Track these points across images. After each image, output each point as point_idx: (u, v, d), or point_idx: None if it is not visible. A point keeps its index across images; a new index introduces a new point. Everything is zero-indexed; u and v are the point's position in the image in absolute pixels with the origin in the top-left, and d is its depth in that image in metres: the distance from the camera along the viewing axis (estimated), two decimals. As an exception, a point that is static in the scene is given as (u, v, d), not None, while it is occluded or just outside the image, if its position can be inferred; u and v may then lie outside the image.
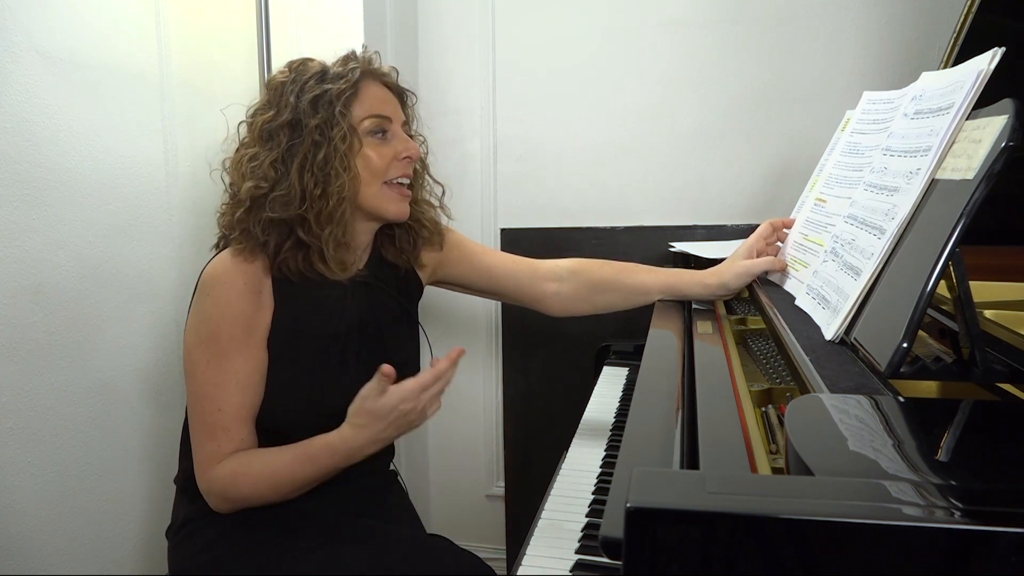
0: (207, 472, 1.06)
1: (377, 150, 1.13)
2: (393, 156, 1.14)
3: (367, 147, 1.12)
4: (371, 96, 1.14)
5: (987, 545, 0.39)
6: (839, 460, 0.51)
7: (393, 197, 1.15)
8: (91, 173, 1.29)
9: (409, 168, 1.17)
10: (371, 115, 1.13)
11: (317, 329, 1.13)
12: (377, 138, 1.14)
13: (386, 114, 1.14)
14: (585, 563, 0.83)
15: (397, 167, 1.15)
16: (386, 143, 1.15)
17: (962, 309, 0.72)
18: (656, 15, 1.82)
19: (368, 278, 1.20)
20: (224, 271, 1.08)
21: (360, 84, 1.13)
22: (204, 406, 1.06)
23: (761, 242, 1.26)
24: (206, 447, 1.06)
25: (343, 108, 1.09)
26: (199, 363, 1.07)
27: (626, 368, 1.61)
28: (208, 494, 1.07)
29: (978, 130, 0.76)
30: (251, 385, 1.08)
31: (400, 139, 1.16)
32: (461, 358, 1.05)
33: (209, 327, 1.07)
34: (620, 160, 1.89)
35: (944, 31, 1.29)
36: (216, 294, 1.07)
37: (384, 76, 1.18)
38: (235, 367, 1.06)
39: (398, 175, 1.15)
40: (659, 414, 0.78)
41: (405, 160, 1.15)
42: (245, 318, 1.07)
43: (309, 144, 1.07)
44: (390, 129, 1.15)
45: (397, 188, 1.16)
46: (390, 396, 1.01)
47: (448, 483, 2.14)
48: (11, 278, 1.16)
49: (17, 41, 1.15)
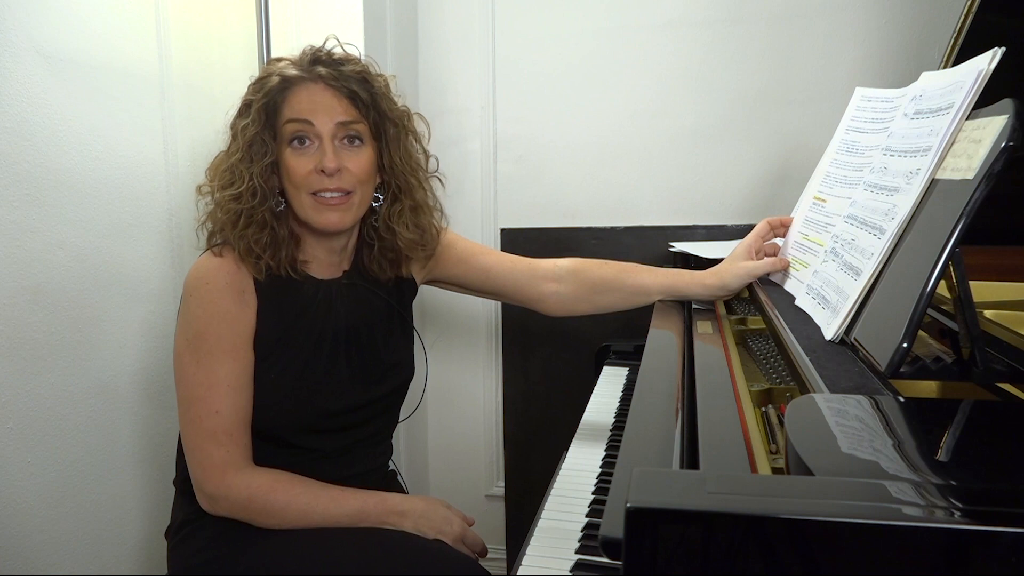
0: (225, 477, 1.05)
1: (295, 159, 1.08)
2: (312, 167, 1.07)
3: (287, 155, 1.09)
4: (296, 99, 1.08)
5: (987, 545, 0.39)
6: (839, 460, 0.51)
7: (316, 207, 1.09)
8: (91, 173, 1.29)
9: (333, 182, 1.07)
10: (289, 119, 1.08)
11: (303, 330, 1.13)
12: (294, 146, 1.08)
13: (305, 117, 1.07)
14: (585, 563, 0.83)
15: (315, 179, 1.07)
16: (304, 152, 1.08)
17: (962, 309, 0.72)
18: (656, 15, 1.82)
19: (355, 279, 1.20)
20: (206, 271, 1.09)
21: (290, 88, 1.08)
22: (199, 409, 1.06)
23: (759, 241, 1.26)
24: (215, 454, 1.05)
25: (270, 112, 1.09)
26: (188, 366, 1.07)
27: (626, 368, 1.61)
28: (224, 498, 1.06)
29: (978, 130, 0.76)
30: (242, 387, 1.08)
31: (321, 149, 1.07)
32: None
33: (195, 328, 1.07)
34: (620, 160, 1.89)
35: (944, 31, 1.29)
36: (199, 294, 1.08)
37: (321, 76, 1.08)
38: (224, 369, 1.06)
39: (318, 189, 1.08)
40: (659, 414, 0.78)
41: (321, 173, 1.07)
42: (230, 317, 1.08)
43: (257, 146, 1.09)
44: (311, 135, 1.08)
45: (321, 198, 1.08)
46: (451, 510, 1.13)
47: (448, 483, 2.14)
48: (11, 278, 1.16)
49: (17, 41, 1.15)
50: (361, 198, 1.12)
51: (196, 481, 1.08)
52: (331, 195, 1.09)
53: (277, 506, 1.05)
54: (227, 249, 1.10)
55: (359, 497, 1.09)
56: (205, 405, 1.06)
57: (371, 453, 1.23)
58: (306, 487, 1.08)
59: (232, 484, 1.06)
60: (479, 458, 2.10)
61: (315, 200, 1.09)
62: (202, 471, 1.07)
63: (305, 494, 1.07)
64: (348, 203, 1.10)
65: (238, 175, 1.09)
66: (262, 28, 1.58)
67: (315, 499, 1.07)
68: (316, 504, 1.06)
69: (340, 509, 1.07)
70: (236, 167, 1.09)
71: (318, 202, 1.09)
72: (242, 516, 1.07)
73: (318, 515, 1.06)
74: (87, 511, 1.31)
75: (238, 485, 1.06)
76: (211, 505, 1.07)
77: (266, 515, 1.06)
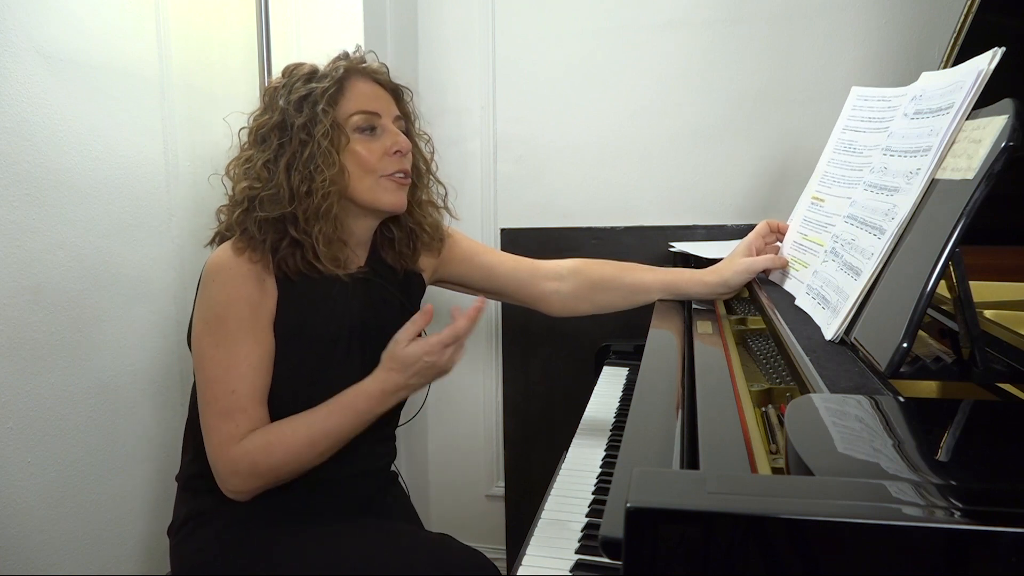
0: (228, 451, 1.04)
1: (366, 146, 1.13)
2: (383, 151, 1.14)
3: (355, 143, 1.13)
4: (358, 93, 1.14)
5: (987, 545, 0.39)
6: (839, 460, 0.51)
7: (389, 187, 1.15)
8: (91, 173, 1.29)
9: (402, 163, 1.16)
10: (358, 111, 1.13)
11: (319, 326, 1.13)
12: (365, 134, 1.14)
13: (373, 110, 1.14)
14: (585, 563, 0.83)
15: (388, 162, 1.14)
16: (375, 139, 1.14)
17: (962, 309, 0.72)
18: (656, 15, 1.82)
19: (369, 275, 1.20)
20: (228, 259, 1.09)
21: (346, 81, 1.14)
22: (216, 390, 1.05)
23: (760, 240, 1.26)
24: (223, 429, 1.04)
25: (327, 106, 1.10)
26: (207, 348, 1.07)
27: (626, 368, 1.61)
28: (233, 474, 1.04)
29: (978, 130, 0.76)
30: (262, 367, 1.08)
31: (390, 134, 1.15)
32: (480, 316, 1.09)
33: (216, 312, 1.07)
34: (620, 160, 1.89)
35: (944, 31, 1.29)
36: (221, 279, 1.08)
37: (374, 73, 1.17)
38: (244, 350, 1.06)
39: (391, 170, 1.15)
40: (659, 414, 0.78)
41: (396, 155, 1.15)
42: (252, 300, 1.08)
43: (296, 143, 1.09)
44: (379, 125, 1.15)
45: (393, 179, 1.15)
46: (415, 347, 1.07)
47: (448, 483, 2.14)
48: (11, 278, 1.16)
49: (17, 41, 1.15)
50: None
51: (212, 464, 1.06)
52: (401, 175, 1.16)
53: (283, 457, 1.04)
54: (248, 246, 1.10)
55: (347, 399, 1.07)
56: (223, 385, 1.05)
57: (375, 452, 1.23)
58: (293, 426, 1.06)
59: (233, 457, 1.04)
60: (479, 458, 2.10)
61: (390, 180, 1.15)
62: (214, 450, 1.05)
63: (298, 431, 1.05)
64: (409, 185, 1.19)
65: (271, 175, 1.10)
66: (262, 28, 1.58)
67: (310, 429, 1.05)
68: (314, 432, 1.05)
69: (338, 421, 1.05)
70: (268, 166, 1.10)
71: (393, 181, 1.15)
72: (261, 483, 1.05)
73: (325, 440, 1.05)
74: (87, 511, 1.31)
75: (238, 456, 1.04)
76: (226, 486, 1.05)
77: (280, 470, 1.04)
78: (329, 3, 1.69)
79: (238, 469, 1.04)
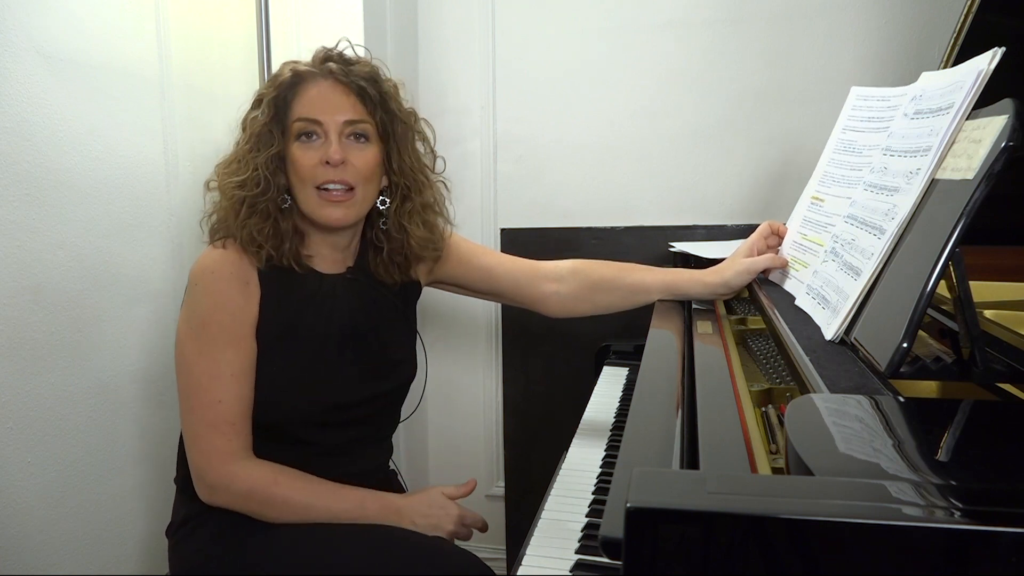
0: (226, 466, 1.06)
1: (302, 152, 1.11)
2: (318, 160, 1.10)
3: (294, 149, 1.12)
4: (307, 97, 1.12)
5: (987, 545, 0.39)
6: (839, 460, 0.51)
7: (318, 202, 1.11)
8: (91, 173, 1.29)
9: (334, 174, 1.10)
10: (299, 117, 1.11)
11: (307, 325, 1.13)
12: (301, 140, 1.11)
13: (313, 116, 1.10)
14: (585, 563, 0.83)
15: (320, 171, 1.10)
16: (310, 147, 1.11)
17: (962, 309, 0.72)
18: (656, 15, 1.82)
19: (360, 275, 1.20)
20: (211, 261, 1.11)
21: (301, 84, 1.12)
22: (201, 399, 1.06)
23: (762, 241, 1.26)
24: (214, 442, 1.06)
25: (280, 110, 1.12)
26: (191, 355, 1.08)
27: (626, 368, 1.61)
28: (224, 489, 1.06)
29: (978, 130, 0.76)
30: (245, 376, 1.09)
31: (328, 143, 1.10)
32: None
33: (199, 317, 1.08)
34: (620, 160, 1.89)
35: (944, 31, 1.29)
36: (204, 284, 1.09)
37: (335, 73, 1.12)
38: (227, 357, 1.07)
39: (320, 180, 1.10)
40: (659, 414, 0.78)
41: (326, 165, 1.09)
42: (234, 306, 1.09)
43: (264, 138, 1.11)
44: (322, 132, 1.11)
45: (324, 193, 1.11)
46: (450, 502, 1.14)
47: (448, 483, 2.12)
48: (11, 278, 1.16)
49: (17, 41, 1.15)
50: (363, 196, 1.14)
51: (196, 470, 1.08)
52: (335, 188, 1.11)
53: (278, 499, 1.06)
54: (230, 242, 1.12)
55: (358, 494, 1.10)
56: (208, 394, 1.06)
57: (372, 451, 1.23)
58: (307, 482, 1.09)
59: (234, 474, 1.06)
60: (479, 458, 2.10)
61: (319, 194, 1.11)
62: (204, 460, 1.07)
63: (306, 489, 1.08)
64: (351, 200, 1.12)
65: (244, 164, 1.12)
66: (262, 28, 1.58)
67: (316, 494, 1.07)
68: (317, 499, 1.07)
69: (340, 505, 1.07)
70: (243, 157, 1.12)
71: (322, 197, 1.11)
72: (241, 507, 1.07)
73: (318, 510, 1.07)
74: (87, 511, 1.31)
75: (240, 475, 1.06)
76: (210, 495, 1.07)
77: (267, 507, 1.06)
78: (329, 3, 1.69)
79: (232, 486, 1.06)
